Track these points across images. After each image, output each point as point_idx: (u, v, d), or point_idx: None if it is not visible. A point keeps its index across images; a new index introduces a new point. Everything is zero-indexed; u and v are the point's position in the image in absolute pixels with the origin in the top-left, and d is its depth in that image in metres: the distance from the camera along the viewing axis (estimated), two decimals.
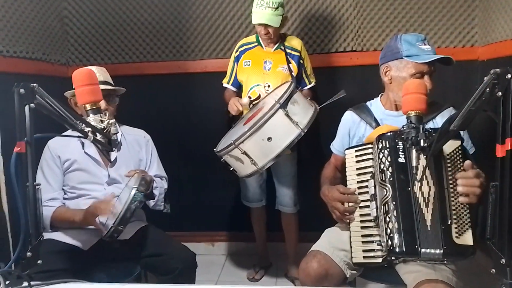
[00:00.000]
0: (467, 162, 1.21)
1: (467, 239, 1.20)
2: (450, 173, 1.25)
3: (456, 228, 1.21)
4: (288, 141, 1.59)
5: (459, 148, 1.27)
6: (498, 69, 0.94)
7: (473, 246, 1.19)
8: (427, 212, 1.24)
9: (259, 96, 2.08)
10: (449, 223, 1.21)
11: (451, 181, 1.24)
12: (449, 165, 1.26)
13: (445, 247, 1.19)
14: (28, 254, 0.99)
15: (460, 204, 1.22)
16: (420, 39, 1.47)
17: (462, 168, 1.24)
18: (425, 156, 1.19)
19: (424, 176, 1.26)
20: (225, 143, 1.68)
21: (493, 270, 0.97)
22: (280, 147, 1.59)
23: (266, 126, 1.58)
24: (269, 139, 1.58)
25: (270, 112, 1.58)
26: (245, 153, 1.60)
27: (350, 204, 1.42)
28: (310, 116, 1.66)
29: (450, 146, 1.27)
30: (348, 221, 1.42)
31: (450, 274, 1.30)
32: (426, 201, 1.25)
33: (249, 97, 2.11)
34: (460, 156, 1.27)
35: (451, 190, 1.24)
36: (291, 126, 1.59)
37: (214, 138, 1.86)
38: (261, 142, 1.59)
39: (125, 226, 1.44)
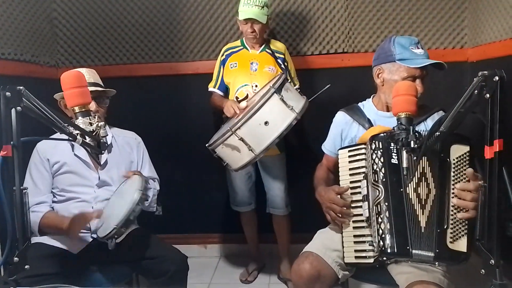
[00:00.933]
0: (469, 170, 1.20)
1: (461, 245, 1.20)
2: (453, 178, 1.25)
3: (451, 233, 1.21)
4: (285, 125, 1.60)
5: (467, 154, 1.26)
6: (486, 72, 0.95)
7: (466, 253, 1.20)
8: (422, 213, 1.24)
9: (246, 96, 2.09)
10: (445, 227, 1.22)
11: (453, 186, 1.24)
12: (453, 170, 1.26)
13: (437, 250, 1.20)
14: (15, 259, 0.97)
15: (460, 210, 1.22)
16: (413, 42, 1.48)
17: (466, 177, 1.23)
18: (415, 158, 1.20)
19: (423, 178, 1.26)
20: (219, 134, 1.67)
21: (483, 270, 0.97)
22: (278, 131, 1.60)
23: (262, 110, 1.59)
24: (266, 123, 1.59)
25: (266, 97, 1.59)
26: (242, 139, 1.60)
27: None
28: (303, 103, 1.69)
29: (457, 151, 1.26)
30: (341, 224, 1.43)
31: (441, 275, 1.31)
32: (423, 203, 1.25)
33: (237, 98, 2.12)
34: (467, 162, 1.26)
35: (453, 195, 1.24)
36: (287, 110, 1.61)
37: (205, 140, 1.85)
38: (258, 126, 1.59)
39: (127, 229, 1.43)
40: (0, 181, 0.95)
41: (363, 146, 1.42)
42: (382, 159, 1.31)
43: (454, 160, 1.27)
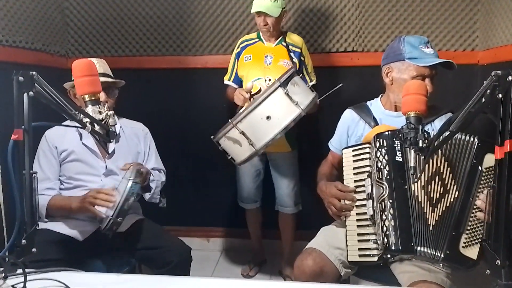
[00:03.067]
0: None
1: (473, 253, 1.20)
2: (481, 186, 1.24)
3: (466, 238, 1.21)
4: (288, 121, 1.55)
5: None
6: (499, 71, 0.94)
7: (475, 261, 1.20)
8: (432, 212, 1.24)
9: (260, 90, 2.06)
10: (461, 231, 1.22)
11: (479, 194, 1.24)
12: (483, 178, 1.25)
13: (448, 252, 1.20)
14: (23, 241, 0.98)
15: (479, 219, 1.22)
16: (423, 42, 1.47)
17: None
18: (423, 157, 1.20)
19: (436, 177, 1.26)
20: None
21: (488, 271, 0.97)
22: (280, 126, 1.55)
23: (264, 104, 1.54)
24: (268, 117, 1.54)
25: (269, 90, 1.54)
26: (242, 133, 1.55)
27: (347, 202, 1.42)
28: (311, 99, 1.63)
29: (490, 160, 1.25)
30: (344, 218, 1.43)
31: (444, 276, 1.31)
32: (434, 202, 1.25)
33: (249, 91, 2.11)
34: None
35: (475, 205, 1.23)
36: (291, 106, 1.55)
37: (213, 134, 1.85)
38: (259, 121, 1.54)
39: (123, 218, 1.44)
40: (11, 165, 0.96)
41: (367, 145, 1.42)
42: (386, 157, 1.31)
43: (485, 169, 1.26)
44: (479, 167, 1.26)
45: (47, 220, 1.58)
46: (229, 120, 1.57)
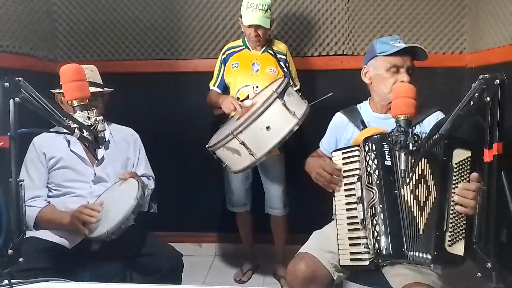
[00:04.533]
0: (474, 174, 1.22)
1: (459, 249, 1.21)
2: (454, 182, 1.25)
3: (450, 236, 1.22)
4: (287, 130, 1.59)
5: (468, 159, 1.27)
6: (487, 75, 0.95)
7: (462, 257, 1.20)
8: (421, 215, 1.24)
9: (247, 97, 2.08)
10: (444, 230, 1.22)
11: (454, 190, 1.25)
12: (455, 174, 1.26)
13: (435, 253, 1.20)
14: (10, 251, 0.96)
15: (459, 214, 1.23)
16: (394, 38, 1.50)
17: (468, 179, 1.25)
18: (413, 160, 1.20)
19: (422, 180, 1.26)
20: (220, 137, 1.67)
21: (479, 274, 0.97)
22: (279, 136, 1.59)
23: (264, 115, 1.58)
24: (267, 128, 1.58)
25: (268, 102, 1.58)
26: (243, 143, 1.58)
27: (335, 176, 1.43)
28: (305, 109, 1.69)
29: (459, 155, 1.27)
30: (336, 189, 1.44)
31: (436, 278, 1.31)
32: (421, 205, 1.25)
33: (238, 98, 2.11)
34: (468, 166, 1.26)
35: (453, 198, 1.24)
36: (289, 116, 1.61)
37: (203, 138, 1.84)
38: (259, 131, 1.59)
39: (116, 236, 1.42)
40: None
41: (356, 148, 1.42)
42: (375, 161, 1.31)
43: (455, 164, 1.27)
44: (450, 163, 1.27)
45: (34, 230, 1.55)
46: (229, 131, 1.57)
